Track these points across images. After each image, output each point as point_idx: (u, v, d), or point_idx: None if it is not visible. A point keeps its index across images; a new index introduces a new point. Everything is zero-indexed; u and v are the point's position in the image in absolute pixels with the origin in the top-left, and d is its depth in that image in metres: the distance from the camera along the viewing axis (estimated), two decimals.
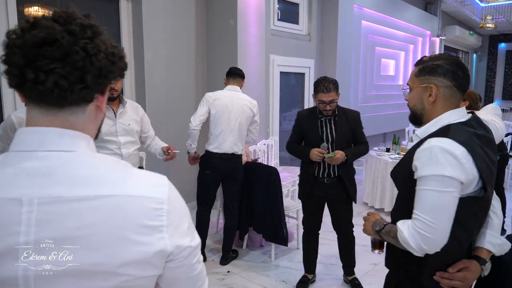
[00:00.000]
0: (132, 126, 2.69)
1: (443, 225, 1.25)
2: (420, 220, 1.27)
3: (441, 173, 1.23)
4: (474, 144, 1.28)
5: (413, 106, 1.46)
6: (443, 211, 1.25)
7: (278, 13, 5.53)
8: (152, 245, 0.70)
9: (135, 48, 4.25)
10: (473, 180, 1.27)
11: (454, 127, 1.32)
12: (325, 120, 2.81)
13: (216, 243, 3.85)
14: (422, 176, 1.28)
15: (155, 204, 0.71)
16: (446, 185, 1.24)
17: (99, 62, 0.70)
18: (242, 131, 3.33)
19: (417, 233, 1.26)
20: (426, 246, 1.26)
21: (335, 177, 2.82)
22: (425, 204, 1.27)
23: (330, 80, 2.71)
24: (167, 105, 4.47)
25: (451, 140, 1.26)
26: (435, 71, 1.38)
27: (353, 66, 6.80)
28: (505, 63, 13.61)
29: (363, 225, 1.60)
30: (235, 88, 3.36)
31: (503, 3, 9.67)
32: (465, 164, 1.24)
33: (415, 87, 1.44)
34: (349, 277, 3.09)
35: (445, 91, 1.38)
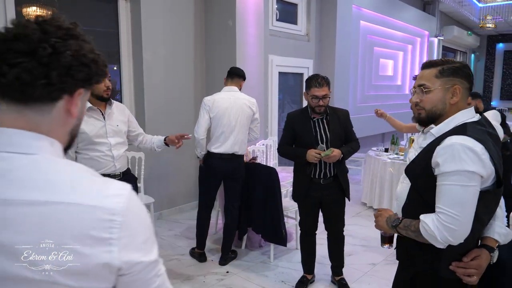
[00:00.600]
0: (120, 127, 2.67)
1: (468, 218, 1.33)
2: (445, 213, 1.33)
3: (465, 168, 1.30)
4: (489, 142, 1.36)
5: (432, 107, 1.48)
6: (467, 204, 1.33)
7: (277, 13, 5.53)
8: (94, 257, 0.66)
9: (134, 48, 4.25)
10: (490, 175, 1.35)
11: (470, 125, 1.39)
12: (317, 120, 2.81)
13: (215, 243, 3.85)
14: (446, 172, 1.34)
15: (106, 215, 0.68)
16: (469, 180, 1.31)
17: (66, 60, 0.70)
18: (243, 130, 3.33)
19: (443, 226, 1.33)
20: (451, 238, 1.33)
21: (330, 177, 2.82)
22: (449, 198, 1.33)
23: (321, 76, 2.75)
24: (166, 105, 4.47)
25: (470, 138, 1.33)
26: (457, 73, 1.45)
27: (352, 66, 6.81)
28: (503, 63, 13.64)
29: (375, 221, 1.64)
30: (233, 89, 3.36)
31: (501, 4, 9.70)
32: (484, 160, 1.32)
33: (436, 88, 1.46)
34: (337, 277, 3.09)
35: (464, 93, 1.46)
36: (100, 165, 2.53)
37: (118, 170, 2.63)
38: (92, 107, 2.51)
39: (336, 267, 3.08)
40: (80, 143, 2.49)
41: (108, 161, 2.57)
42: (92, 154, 2.52)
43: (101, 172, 2.52)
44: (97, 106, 2.53)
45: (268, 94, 5.38)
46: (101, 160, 2.54)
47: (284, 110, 6.25)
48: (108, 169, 2.57)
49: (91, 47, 0.77)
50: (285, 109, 6.26)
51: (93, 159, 2.51)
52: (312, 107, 2.75)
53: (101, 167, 2.52)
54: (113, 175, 2.59)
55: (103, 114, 2.57)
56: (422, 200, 1.46)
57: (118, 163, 2.62)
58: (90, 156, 2.52)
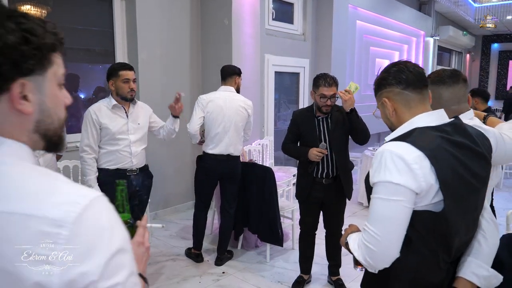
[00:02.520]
0: (141, 125, 2.85)
1: (389, 238, 1.14)
2: (367, 231, 1.18)
3: (388, 179, 1.14)
4: (440, 150, 1.15)
5: (386, 123, 1.38)
6: (389, 222, 1.14)
7: (273, 12, 5.52)
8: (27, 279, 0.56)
9: (129, 47, 4.22)
10: (429, 189, 1.13)
11: (418, 131, 1.21)
12: (322, 119, 2.80)
13: (211, 243, 3.83)
14: (373, 182, 1.20)
15: (49, 226, 0.56)
16: (393, 193, 1.13)
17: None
18: (238, 131, 3.31)
19: (363, 245, 1.18)
20: (371, 260, 1.16)
21: (333, 177, 2.81)
22: (372, 214, 1.19)
23: (330, 75, 2.75)
24: (161, 105, 4.43)
25: (408, 144, 1.15)
26: (381, 85, 1.33)
27: (348, 66, 6.81)
28: (498, 63, 13.73)
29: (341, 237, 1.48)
30: (229, 89, 3.32)
31: (496, 4, 9.74)
32: (416, 170, 1.12)
33: (378, 106, 1.40)
34: (334, 277, 3.08)
35: (398, 98, 1.29)
36: (118, 159, 2.73)
37: (135, 166, 2.81)
38: (117, 105, 2.72)
39: (333, 266, 3.08)
40: (104, 138, 2.70)
41: (126, 157, 2.75)
42: (111, 149, 2.71)
43: (118, 166, 2.74)
44: (122, 104, 2.74)
45: (264, 93, 5.37)
46: (119, 155, 2.73)
47: (280, 109, 6.24)
48: (126, 164, 2.76)
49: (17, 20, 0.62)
50: (281, 108, 6.25)
51: (112, 153, 2.72)
52: (319, 106, 2.74)
53: (119, 162, 2.73)
54: (130, 170, 2.78)
55: (126, 112, 2.77)
56: None
57: (135, 159, 2.79)
58: (109, 150, 2.72)
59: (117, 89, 2.68)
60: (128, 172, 2.77)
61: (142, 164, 2.87)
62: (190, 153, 4.72)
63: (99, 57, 4.27)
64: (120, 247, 0.62)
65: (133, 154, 2.77)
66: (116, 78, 2.67)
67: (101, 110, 2.69)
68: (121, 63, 2.79)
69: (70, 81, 4.04)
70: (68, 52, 4.15)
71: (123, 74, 2.68)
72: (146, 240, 0.91)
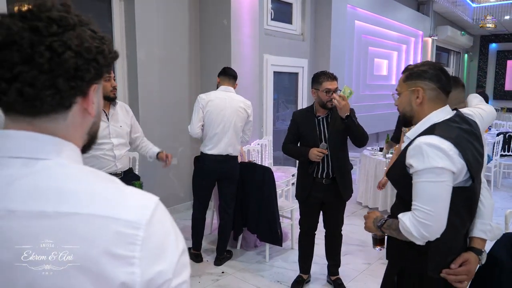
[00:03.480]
0: (123, 127, 2.68)
1: (440, 213, 1.37)
2: (420, 210, 1.37)
3: (434, 165, 1.35)
4: (460, 138, 1.40)
5: (403, 110, 1.59)
6: (439, 199, 1.37)
7: (272, 12, 5.53)
8: (114, 279, 0.58)
9: (128, 47, 4.22)
10: (462, 170, 1.38)
11: (439, 125, 1.45)
12: (322, 119, 2.80)
13: (210, 243, 3.83)
14: (417, 170, 1.39)
15: (126, 228, 0.59)
16: (439, 176, 1.36)
17: (70, 61, 0.61)
18: (237, 132, 3.30)
19: (418, 222, 1.37)
20: (427, 234, 1.37)
21: (332, 177, 2.80)
22: (423, 195, 1.38)
23: (329, 71, 2.79)
24: (160, 105, 4.45)
25: (437, 137, 1.39)
26: (421, 76, 1.51)
27: (347, 66, 6.82)
28: (495, 63, 13.75)
29: (364, 223, 1.69)
30: (229, 89, 3.33)
31: (494, 4, 9.77)
32: (452, 156, 1.36)
33: (404, 91, 1.57)
34: (333, 277, 3.09)
35: (431, 93, 1.50)
36: (102, 164, 2.54)
37: (120, 170, 2.65)
38: None
39: (333, 266, 3.08)
40: None
41: (110, 161, 2.58)
42: (93, 153, 2.52)
43: (103, 171, 2.51)
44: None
45: (263, 93, 5.37)
46: (103, 160, 2.55)
47: (279, 109, 6.24)
48: (109, 169, 2.58)
49: (91, 32, 0.67)
50: (280, 108, 6.26)
51: (94, 158, 2.52)
52: (323, 102, 2.72)
53: (102, 166, 2.54)
54: (114, 174, 2.59)
55: (106, 115, 2.58)
56: (404, 200, 1.51)
57: (119, 163, 2.63)
58: (92, 155, 2.52)
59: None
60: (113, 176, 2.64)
61: (126, 167, 2.74)
62: (189, 153, 4.72)
63: None
64: (184, 248, 0.67)
65: (117, 158, 2.61)
66: None
67: None
68: None
69: None
70: None
71: None
72: None
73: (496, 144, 6.05)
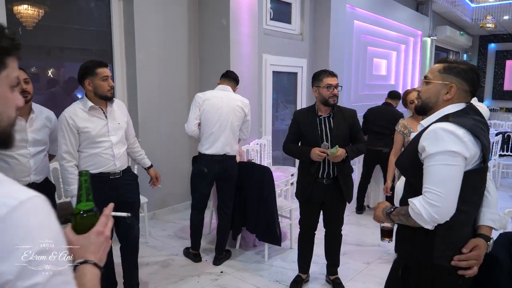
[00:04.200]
0: (121, 125, 2.66)
1: (451, 195, 1.39)
2: (431, 192, 1.40)
3: (448, 148, 1.38)
4: (474, 126, 1.43)
5: (426, 98, 1.58)
6: (451, 182, 1.39)
7: (271, 12, 5.53)
8: None
9: (127, 47, 4.22)
10: (474, 156, 1.42)
11: (452, 114, 1.48)
12: (323, 118, 2.79)
13: (209, 243, 3.83)
14: (430, 154, 1.42)
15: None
16: (452, 159, 1.38)
17: None
18: (234, 131, 3.29)
19: (428, 204, 1.39)
20: (437, 215, 1.39)
21: (333, 178, 2.79)
22: (434, 178, 1.40)
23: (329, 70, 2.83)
24: (159, 105, 4.44)
25: (451, 123, 1.42)
26: (459, 73, 1.51)
27: (346, 65, 6.82)
28: (494, 63, 13.76)
29: (374, 213, 1.71)
30: (226, 88, 3.32)
31: (493, 4, 9.77)
32: (467, 142, 1.39)
33: (435, 81, 1.55)
34: (332, 276, 3.08)
35: (461, 93, 1.52)
36: (101, 163, 2.54)
37: (118, 169, 2.62)
38: (94, 106, 2.51)
39: (332, 265, 3.08)
40: (84, 142, 2.50)
41: (109, 160, 2.56)
42: (93, 152, 2.52)
43: (101, 170, 2.54)
44: (99, 104, 2.54)
45: (262, 93, 5.37)
46: (102, 158, 2.54)
47: (278, 109, 6.24)
48: (109, 167, 2.57)
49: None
50: (279, 108, 6.26)
51: (94, 157, 2.52)
52: (325, 99, 2.72)
53: (101, 165, 2.54)
54: (113, 173, 2.60)
55: (104, 113, 2.56)
56: (415, 190, 1.51)
57: (118, 162, 2.61)
58: (90, 154, 2.52)
59: (96, 88, 2.47)
60: (112, 175, 2.58)
61: (125, 166, 2.69)
62: (188, 152, 4.72)
63: (96, 57, 4.26)
64: (44, 248, 0.63)
65: (116, 157, 2.58)
66: (93, 77, 2.46)
67: (77, 114, 2.47)
68: (96, 61, 2.54)
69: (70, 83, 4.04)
70: (65, 52, 4.15)
71: (101, 71, 2.47)
72: (107, 230, 0.92)
73: (495, 144, 6.06)
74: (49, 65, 4.06)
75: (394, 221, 1.60)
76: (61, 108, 2.66)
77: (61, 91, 4.06)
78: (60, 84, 4.07)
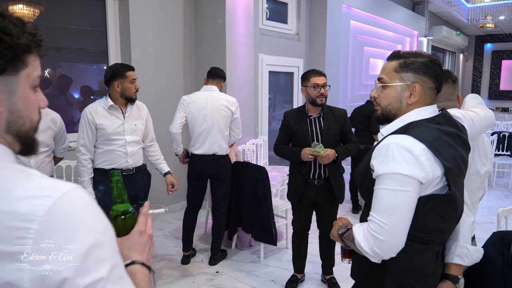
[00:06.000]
0: (138, 126, 2.80)
1: (398, 227, 1.17)
2: (374, 221, 1.19)
3: (397, 171, 1.15)
4: (439, 141, 1.19)
5: (387, 105, 1.31)
6: (398, 211, 1.16)
7: (267, 12, 5.53)
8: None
9: (122, 47, 4.21)
10: (434, 179, 1.18)
11: (415, 124, 1.22)
12: (314, 118, 2.80)
13: (205, 243, 3.83)
14: (378, 174, 1.20)
15: (17, 221, 0.54)
16: (401, 184, 1.15)
17: None
18: (221, 130, 3.29)
19: (371, 235, 1.19)
20: (379, 250, 1.18)
21: (324, 178, 2.80)
22: (379, 205, 1.19)
23: (318, 69, 2.85)
24: (155, 105, 4.43)
25: (410, 137, 1.17)
26: (419, 69, 1.25)
27: (342, 65, 6.83)
28: (491, 63, 13.83)
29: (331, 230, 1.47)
30: (212, 88, 3.33)
31: (489, 4, 9.81)
32: (423, 162, 1.15)
33: (393, 83, 1.29)
34: (327, 276, 3.09)
35: (427, 92, 1.27)
36: (114, 159, 2.71)
37: (131, 166, 2.77)
38: (114, 106, 2.68)
39: (327, 265, 3.08)
40: (100, 138, 2.68)
41: (122, 157, 2.72)
42: (107, 148, 2.69)
43: (114, 166, 2.71)
44: (120, 105, 2.70)
45: (258, 93, 5.37)
46: (115, 155, 2.70)
47: (275, 109, 6.24)
48: (121, 164, 2.73)
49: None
50: (276, 108, 6.26)
51: (107, 153, 2.69)
52: (313, 99, 2.72)
53: (114, 161, 2.71)
54: (125, 169, 2.75)
55: (123, 113, 2.73)
56: (368, 207, 1.31)
57: (131, 159, 2.76)
58: (105, 150, 2.69)
59: (124, 90, 2.65)
60: (124, 171, 2.73)
61: (139, 164, 2.83)
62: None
63: (92, 57, 4.26)
64: (97, 241, 0.59)
65: (129, 154, 2.74)
66: (123, 79, 2.64)
67: (97, 111, 2.65)
68: (124, 64, 2.72)
69: (63, 82, 4.03)
70: (61, 52, 4.14)
71: (130, 75, 2.66)
72: (148, 228, 0.88)
73: (490, 143, 6.08)
74: (44, 65, 4.04)
75: (346, 245, 1.38)
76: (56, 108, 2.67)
77: (55, 91, 4.05)
78: (53, 83, 4.06)
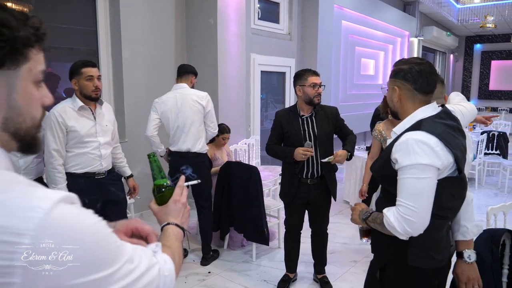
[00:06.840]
0: (109, 127, 2.69)
1: (424, 209, 1.38)
2: (404, 206, 1.39)
3: (418, 161, 1.36)
4: (446, 133, 1.42)
5: (389, 104, 1.62)
6: (423, 195, 1.38)
7: (259, 12, 5.53)
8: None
9: (113, 46, 4.17)
10: (448, 164, 1.40)
11: (425, 121, 1.45)
12: (306, 118, 2.80)
13: (196, 243, 3.81)
14: (402, 166, 1.40)
15: (8, 236, 0.51)
16: (424, 172, 1.37)
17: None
18: (195, 127, 3.27)
19: (402, 218, 1.39)
20: (410, 229, 1.39)
21: (318, 177, 2.80)
22: (406, 191, 1.39)
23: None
24: (146, 105, 4.39)
25: (424, 132, 1.39)
26: (398, 75, 1.52)
27: (334, 65, 6.85)
28: (480, 64, 13.99)
29: (351, 215, 1.71)
30: (181, 86, 3.32)
31: (478, 5, 9.92)
32: (439, 151, 1.37)
33: (388, 87, 1.61)
34: (319, 275, 3.09)
35: (407, 93, 1.51)
36: (87, 162, 2.57)
37: (104, 169, 2.65)
38: (84, 106, 2.53)
39: (319, 264, 3.08)
40: (71, 141, 2.51)
41: (95, 160, 2.59)
42: (79, 152, 2.54)
43: (87, 170, 2.57)
44: (88, 105, 2.56)
45: (250, 93, 5.37)
46: (89, 158, 2.57)
47: (267, 109, 6.24)
48: (95, 167, 2.60)
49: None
50: (268, 108, 6.26)
51: (80, 156, 2.54)
52: (311, 97, 2.72)
53: (88, 165, 2.57)
54: (98, 173, 2.63)
55: (93, 114, 2.59)
56: (389, 194, 1.53)
57: (104, 162, 2.64)
58: (77, 153, 2.54)
59: (81, 88, 2.49)
60: (97, 175, 2.61)
61: (110, 167, 2.72)
62: None
63: (82, 56, 4.21)
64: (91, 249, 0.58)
65: (103, 157, 2.61)
66: (79, 76, 2.47)
67: (66, 112, 2.47)
68: (83, 60, 2.53)
69: (50, 81, 3.98)
70: (51, 51, 4.09)
71: (86, 71, 2.47)
72: (183, 197, 1.02)
73: (480, 142, 6.14)
74: None
75: (370, 227, 1.62)
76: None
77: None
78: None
